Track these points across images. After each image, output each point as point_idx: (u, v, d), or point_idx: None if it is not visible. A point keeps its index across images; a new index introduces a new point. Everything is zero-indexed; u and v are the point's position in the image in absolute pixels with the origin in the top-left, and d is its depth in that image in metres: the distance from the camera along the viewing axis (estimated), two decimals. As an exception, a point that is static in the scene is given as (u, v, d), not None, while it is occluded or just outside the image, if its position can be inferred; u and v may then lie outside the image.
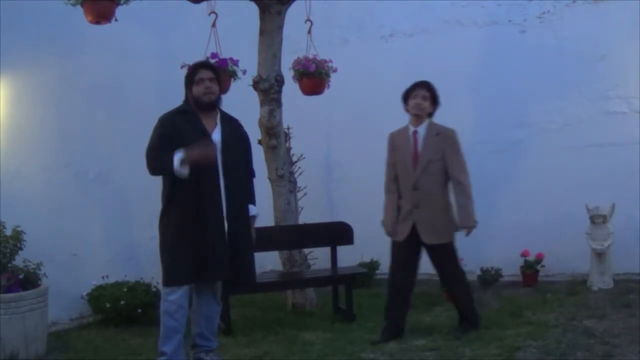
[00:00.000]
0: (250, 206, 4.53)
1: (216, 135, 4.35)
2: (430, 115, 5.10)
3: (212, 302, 4.48)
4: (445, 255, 5.07)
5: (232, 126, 4.48)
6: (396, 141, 5.09)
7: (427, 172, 4.94)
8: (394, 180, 5.07)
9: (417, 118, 5.04)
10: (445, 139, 5.01)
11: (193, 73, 4.43)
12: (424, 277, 7.27)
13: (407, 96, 5.08)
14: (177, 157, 4.10)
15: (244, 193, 4.46)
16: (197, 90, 4.36)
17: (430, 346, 4.84)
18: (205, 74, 4.40)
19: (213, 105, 4.41)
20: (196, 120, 4.34)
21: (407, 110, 5.09)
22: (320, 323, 5.63)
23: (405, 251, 5.02)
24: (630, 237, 6.66)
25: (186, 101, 4.46)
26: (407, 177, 4.98)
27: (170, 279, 4.25)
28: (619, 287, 6.39)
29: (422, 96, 5.01)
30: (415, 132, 5.02)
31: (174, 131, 4.26)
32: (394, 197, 5.05)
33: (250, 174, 4.61)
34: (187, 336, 4.45)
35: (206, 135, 4.29)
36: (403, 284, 5.09)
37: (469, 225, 5.01)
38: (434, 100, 5.08)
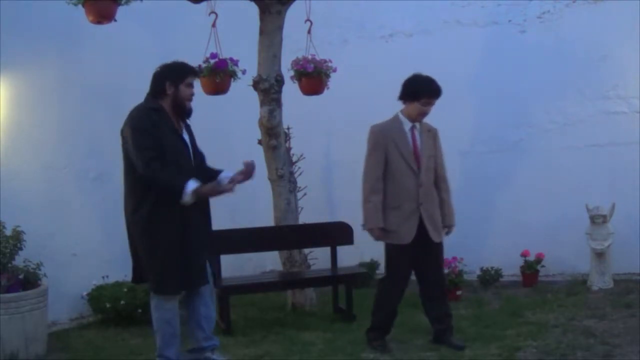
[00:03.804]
0: (225, 171, 4.40)
1: (185, 137, 4.27)
2: None
3: (209, 301, 4.45)
4: (441, 254, 4.95)
5: (187, 125, 4.39)
6: (391, 136, 4.78)
7: (428, 168, 4.83)
8: (381, 178, 4.77)
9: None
10: (435, 136, 4.95)
11: (189, 73, 4.30)
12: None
13: (418, 95, 4.75)
14: (191, 187, 4.03)
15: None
16: (185, 92, 4.25)
17: (430, 346, 4.85)
18: (193, 80, 4.32)
19: (190, 115, 4.31)
20: (171, 122, 4.20)
21: (408, 109, 4.80)
22: (320, 323, 5.63)
23: (410, 254, 4.75)
24: (630, 237, 6.66)
25: (154, 98, 4.25)
26: (409, 174, 4.73)
27: (167, 288, 4.20)
28: (619, 287, 6.40)
29: (432, 106, 4.82)
30: (413, 128, 4.83)
31: (158, 132, 4.09)
32: (381, 198, 4.74)
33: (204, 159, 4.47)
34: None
35: (181, 141, 4.21)
36: (403, 289, 4.90)
37: (453, 224, 4.96)
38: None
